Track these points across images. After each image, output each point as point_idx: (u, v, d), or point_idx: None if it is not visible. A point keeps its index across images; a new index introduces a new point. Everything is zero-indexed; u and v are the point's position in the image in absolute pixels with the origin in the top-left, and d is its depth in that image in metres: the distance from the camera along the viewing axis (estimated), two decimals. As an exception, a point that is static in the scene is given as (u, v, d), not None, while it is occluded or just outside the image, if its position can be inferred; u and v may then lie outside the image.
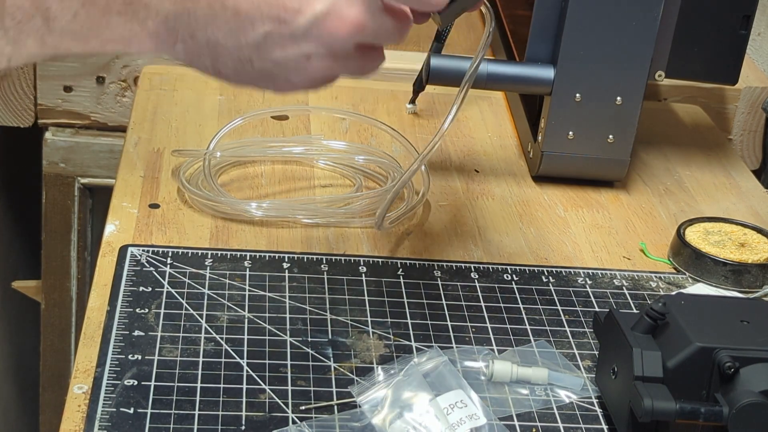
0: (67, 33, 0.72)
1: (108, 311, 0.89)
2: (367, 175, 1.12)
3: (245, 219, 1.03)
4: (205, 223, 1.03)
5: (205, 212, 1.04)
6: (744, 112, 1.38)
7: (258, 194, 1.08)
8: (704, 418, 0.75)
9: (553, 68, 1.11)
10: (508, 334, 0.92)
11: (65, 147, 1.43)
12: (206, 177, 1.06)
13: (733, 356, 0.76)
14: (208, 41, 0.73)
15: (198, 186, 1.06)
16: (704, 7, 1.13)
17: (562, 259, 1.04)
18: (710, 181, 1.22)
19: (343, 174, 1.13)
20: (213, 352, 0.86)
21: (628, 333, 0.80)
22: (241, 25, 0.73)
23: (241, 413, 0.80)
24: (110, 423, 0.78)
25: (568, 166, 1.15)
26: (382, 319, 0.92)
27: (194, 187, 1.05)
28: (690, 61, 1.15)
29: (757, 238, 1.06)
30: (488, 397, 0.84)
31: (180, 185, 1.06)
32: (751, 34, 1.16)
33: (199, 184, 1.06)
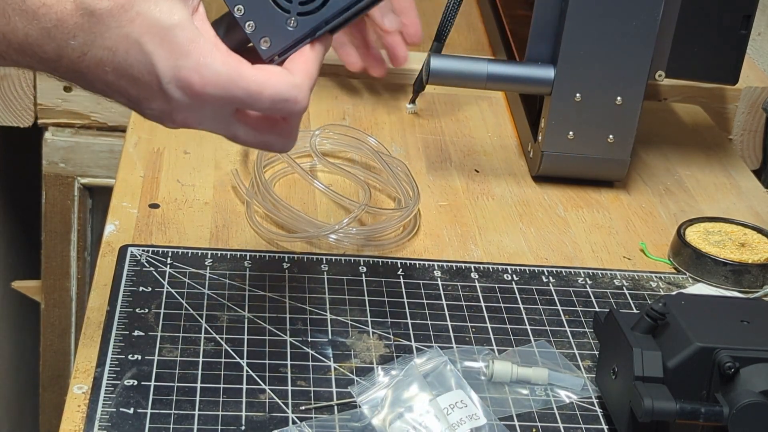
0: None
1: (108, 311, 0.89)
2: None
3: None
4: (205, 223, 1.03)
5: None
6: (744, 112, 1.38)
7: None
8: (704, 418, 0.75)
9: (553, 68, 1.11)
10: (508, 334, 0.92)
11: (65, 147, 1.43)
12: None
13: (733, 356, 0.76)
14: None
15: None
16: (704, 7, 1.13)
17: (562, 259, 1.04)
18: (710, 181, 1.22)
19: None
20: (213, 352, 0.86)
21: (629, 333, 0.80)
22: (103, 94, 0.77)
23: (241, 413, 0.80)
24: (110, 423, 0.78)
25: (568, 166, 1.15)
26: (382, 319, 0.92)
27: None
28: (690, 61, 1.15)
29: (757, 238, 1.06)
30: (488, 397, 0.84)
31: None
32: (751, 34, 1.16)
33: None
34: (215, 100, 0.74)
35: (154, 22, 0.72)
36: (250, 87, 0.74)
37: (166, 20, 0.72)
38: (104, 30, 0.72)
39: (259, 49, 0.76)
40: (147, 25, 0.72)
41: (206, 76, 0.73)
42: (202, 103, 0.74)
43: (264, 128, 0.78)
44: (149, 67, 0.73)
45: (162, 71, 0.73)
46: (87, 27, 0.72)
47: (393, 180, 1.10)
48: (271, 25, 0.76)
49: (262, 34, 0.76)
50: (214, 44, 0.74)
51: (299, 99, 0.75)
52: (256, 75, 0.74)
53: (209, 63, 0.73)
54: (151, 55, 0.73)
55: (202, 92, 0.73)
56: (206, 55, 0.73)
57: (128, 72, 0.74)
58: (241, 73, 0.73)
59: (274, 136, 0.78)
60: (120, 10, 0.72)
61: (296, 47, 0.76)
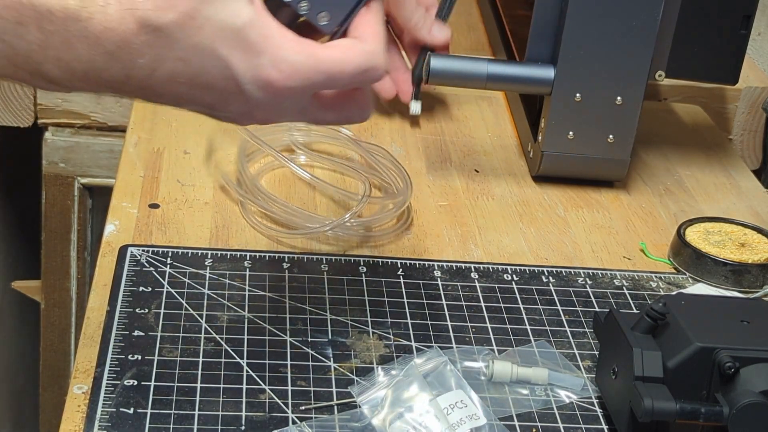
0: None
1: (108, 311, 0.89)
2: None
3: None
4: (204, 223, 1.03)
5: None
6: (744, 112, 1.38)
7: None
8: (704, 419, 0.75)
9: (553, 68, 1.11)
10: (508, 334, 0.92)
11: (65, 147, 1.43)
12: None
13: (733, 356, 0.76)
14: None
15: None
16: (704, 7, 1.13)
17: (562, 259, 1.04)
18: (710, 181, 1.22)
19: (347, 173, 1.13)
20: (213, 352, 0.86)
21: (629, 333, 0.80)
22: (172, 105, 0.74)
23: (241, 413, 0.80)
24: (110, 423, 0.78)
25: (568, 166, 1.15)
26: (382, 319, 0.92)
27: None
28: (690, 61, 1.15)
29: (757, 238, 1.06)
30: (488, 397, 0.84)
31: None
32: (751, 34, 1.16)
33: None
34: (297, 91, 0.72)
35: (224, 26, 0.69)
36: (329, 69, 0.72)
37: (235, 21, 0.70)
38: (173, 43, 0.69)
39: (319, 26, 0.74)
40: (217, 29, 0.69)
41: (285, 70, 0.71)
42: (283, 96, 0.72)
43: (342, 103, 0.76)
44: (226, 71, 0.71)
45: (240, 74, 0.71)
46: (154, 43, 0.69)
47: (379, 168, 1.10)
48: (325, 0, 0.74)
49: (319, 10, 0.74)
50: (283, 35, 0.71)
51: (378, 65, 0.74)
52: (332, 55, 0.72)
53: (285, 56, 0.71)
54: (226, 60, 0.70)
55: (284, 86, 0.72)
56: (281, 48, 0.71)
57: (203, 80, 0.71)
58: (317, 57, 0.72)
59: (353, 109, 0.77)
60: (187, 20, 0.69)
61: (354, 13, 0.74)
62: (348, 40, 0.74)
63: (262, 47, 0.70)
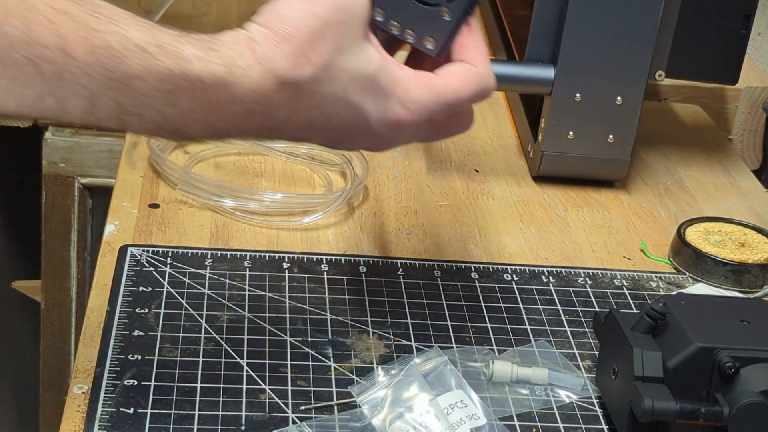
0: None
1: (108, 311, 0.89)
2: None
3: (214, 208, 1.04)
4: (205, 223, 1.03)
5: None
6: (744, 112, 1.38)
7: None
8: (704, 419, 0.75)
9: (553, 68, 1.11)
10: (508, 334, 0.92)
11: (65, 147, 1.43)
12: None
13: (733, 356, 0.76)
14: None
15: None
16: (704, 7, 1.13)
17: (562, 259, 1.04)
18: (710, 181, 1.22)
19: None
20: (213, 352, 0.86)
21: (629, 333, 0.80)
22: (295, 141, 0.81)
23: (241, 413, 0.80)
24: (110, 423, 0.78)
25: (568, 166, 1.15)
26: (382, 319, 0.92)
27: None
28: (690, 61, 1.15)
29: (757, 238, 1.06)
30: (488, 397, 0.84)
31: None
32: (751, 34, 1.16)
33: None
34: (420, 123, 0.77)
35: (356, 74, 0.73)
36: (449, 99, 0.76)
37: (367, 70, 0.74)
38: (309, 95, 0.72)
39: (427, 51, 0.78)
40: (350, 78, 0.73)
41: (411, 108, 0.75)
42: (406, 129, 0.77)
43: (452, 121, 0.80)
44: (357, 115, 0.75)
45: (371, 116, 0.75)
46: (292, 97, 0.72)
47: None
48: (428, 25, 0.77)
49: (423, 37, 0.78)
50: (407, 74, 0.76)
51: (491, 86, 0.78)
52: (451, 85, 0.76)
53: (411, 95, 0.75)
54: (358, 105, 0.74)
55: (410, 122, 0.76)
56: (407, 88, 0.75)
57: (333, 123, 0.75)
58: (437, 90, 0.76)
59: (460, 124, 0.81)
60: (323, 72, 0.72)
61: (455, 33, 0.78)
62: (460, 66, 0.77)
63: (390, 90, 0.75)
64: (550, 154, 1.14)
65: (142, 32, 0.68)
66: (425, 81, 0.76)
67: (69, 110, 0.67)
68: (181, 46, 0.69)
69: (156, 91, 0.68)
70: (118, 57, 0.67)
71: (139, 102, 0.68)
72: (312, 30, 0.71)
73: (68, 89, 0.66)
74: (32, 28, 0.64)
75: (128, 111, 0.69)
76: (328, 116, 0.74)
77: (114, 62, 0.67)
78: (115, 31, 0.67)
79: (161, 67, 0.68)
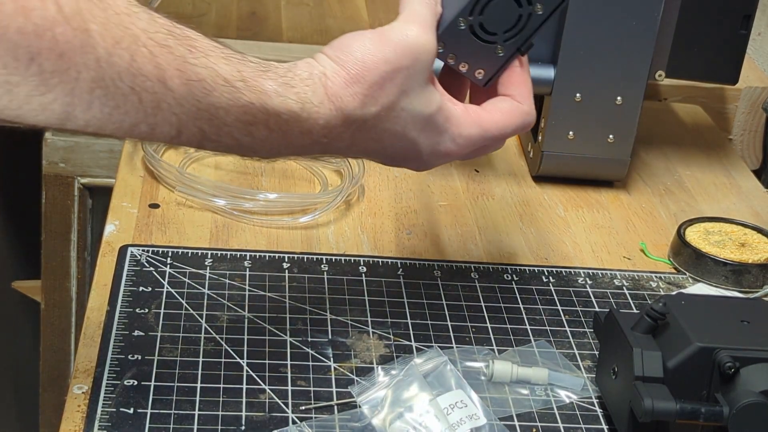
0: None
1: (108, 311, 0.89)
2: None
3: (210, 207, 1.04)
4: (205, 223, 1.03)
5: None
6: (744, 112, 1.38)
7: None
8: (704, 419, 0.75)
9: (553, 68, 1.11)
10: (508, 334, 0.92)
11: (65, 147, 1.43)
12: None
13: (733, 356, 0.76)
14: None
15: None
16: (704, 7, 1.13)
17: (562, 259, 1.04)
18: (710, 181, 1.22)
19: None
20: (213, 352, 0.86)
21: (629, 333, 0.80)
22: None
23: (241, 413, 0.80)
24: (110, 423, 0.78)
25: (568, 166, 1.15)
26: (382, 319, 0.92)
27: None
28: (690, 61, 1.15)
29: (757, 238, 1.06)
30: (488, 397, 0.84)
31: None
32: (751, 34, 1.16)
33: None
34: (466, 154, 0.83)
35: (416, 114, 0.79)
36: (494, 135, 0.83)
37: (426, 110, 0.79)
38: (371, 129, 0.78)
39: (476, 81, 0.84)
40: (410, 118, 0.79)
41: (461, 144, 0.82)
42: (454, 159, 0.84)
43: (492, 147, 0.86)
44: (412, 148, 0.81)
45: (424, 150, 0.81)
46: (356, 132, 0.78)
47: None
48: (482, 58, 0.83)
49: (476, 68, 0.84)
50: (459, 113, 0.81)
51: (531, 122, 0.85)
52: (496, 123, 0.83)
53: (461, 132, 0.81)
54: (414, 141, 0.80)
55: (456, 155, 0.83)
56: (458, 126, 0.81)
57: (388, 152, 0.81)
58: (484, 127, 0.82)
59: (496, 145, 0.86)
60: (387, 112, 0.78)
61: (505, 67, 0.84)
62: (507, 102, 0.84)
63: (444, 128, 0.81)
64: (550, 154, 1.14)
65: (228, 65, 0.72)
66: (474, 117, 0.82)
67: (157, 136, 0.71)
68: (262, 80, 0.73)
69: (237, 121, 0.73)
70: (208, 89, 0.71)
71: (220, 130, 0.73)
72: (381, 73, 0.76)
73: (162, 118, 0.70)
74: (137, 59, 0.67)
75: (209, 138, 0.73)
76: (384, 147, 0.80)
77: (204, 94, 0.71)
78: (206, 65, 0.71)
79: (245, 100, 0.72)
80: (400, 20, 0.79)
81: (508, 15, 0.82)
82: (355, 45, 0.77)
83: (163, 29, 0.69)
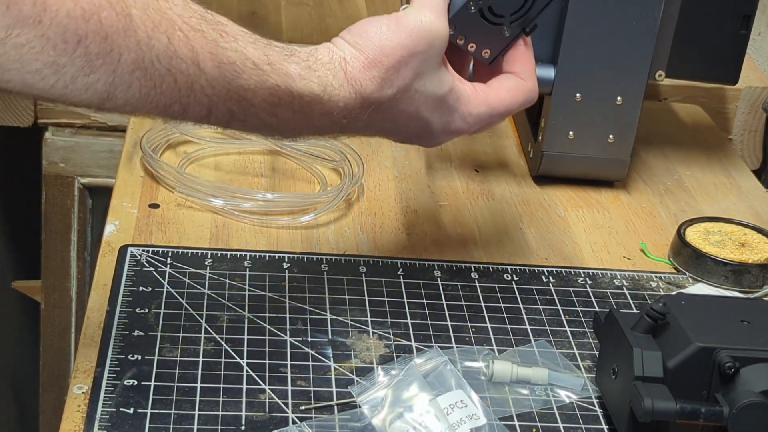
0: None
1: (108, 311, 0.89)
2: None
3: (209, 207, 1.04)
4: (205, 223, 1.03)
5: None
6: (744, 112, 1.38)
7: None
8: (704, 418, 0.75)
9: (553, 68, 1.11)
10: (508, 334, 0.92)
11: (65, 147, 1.43)
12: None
13: (733, 356, 0.76)
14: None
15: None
16: (704, 7, 1.13)
17: (562, 259, 1.04)
18: (710, 181, 1.22)
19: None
20: (213, 352, 0.86)
21: (629, 333, 0.80)
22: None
23: (241, 413, 0.80)
24: (110, 423, 0.78)
25: (568, 166, 1.15)
26: (382, 319, 0.92)
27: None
28: (690, 61, 1.15)
29: (757, 238, 1.06)
30: (488, 397, 0.84)
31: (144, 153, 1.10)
32: (751, 34, 1.16)
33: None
34: (476, 131, 0.88)
35: (429, 95, 0.83)
36: (501, 111, 0.87)
37: (438, 91, 0.83)
38: (386, 111, 0.82)
39: (482, 59, 0.88)
40: (424, 99, 0.83)
41: (470, 122, 0.86)
42: (463, 135, 0.88)
43: (495, 121, 0.90)
44: (425, 127, 0.85)
45: (435, 128, 0.85)
46: (372, 113, 0.82)
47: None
48: (489, 39, 0.87)
49: (483, 48, 0.87)
50: (468, 93, 0.85)
51: (535, 98, 0.89)
52: (502, 100, 0.87)
53: (471, 110, 0.86)
54: (427, 120, 0.84)
55: (466, 131, 0.87)
56: (468, 105, 0.85)
57: (401, 131, 0.85)
58: (491, 105, 0.86)
59: (503, 119, 0.90)
60: (403, 94, 0.82)
61: (510, 46, 0.88)
62: (512, 80, 0.88)
63: (455, 107, 0.85)
64: (550, 154, 1.14)
65: (256, 50, 0.76)
66: (483, 96, 0.86)
67: (189, 115, 0.75)
68: (287, 64, 0.77)
69: (263, 102, 0.77)
70: (237, 72, 0.75)
71: (247, 111, 0.77)
72: (398, 58, 0.80)
73: (195, 98, 0.74)
74: (173, 42, 0.72)
75: (237, 118, 0.77)
76: (399, 126, 0.84)
77: (234, 76, 0.75)
78: (236, 48, 0.75)
79: (271, 83, 0.76)
80: (415, 6, 0.83)
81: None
82: (373, 31, 0.81)
83: (197, 14, 0.74)
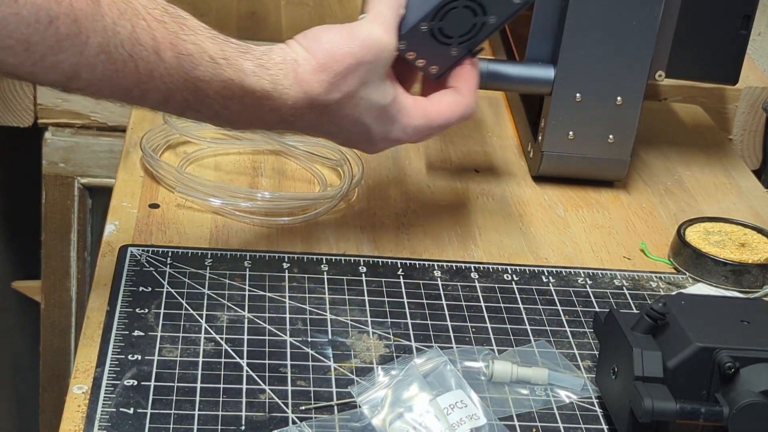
0: None
1: (108, 311, 0.89)
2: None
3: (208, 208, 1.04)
4: (205, 223, 1.03)
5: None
6: (744, 112, 1.38)
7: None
8: (704, 419, 0.75)
9: (553, 68, 1.11)
10: (508, 334, 0.92)
11: (65, 147, 1.43)
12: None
13: (733, 356, 0.76)
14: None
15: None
16: (704, 7, 1.13)
17: (562, 259, 1.04)
18: (710, 181, 1.22)
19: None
20: (213, 352, 0.86)
21: (629, 333, 0.80)
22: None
23: (241, 413, 0.80)
24: (110, 423, 0.78)
25: (568, 166, 1.15)
26: (382, 319, 0.92)
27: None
28: (690, 61, 1.15)
29: (757, 238, 1.06)
30: (488, 397, 0.84)
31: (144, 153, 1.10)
32: (751, 34, 1.15)
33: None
34: (415, 141, 0.95)
35: (373, 103, 0.89)
36: (439, 124, 0.94)
37: (382, 101, 0.90)
38: (331, 114, 0.88)
39: (429, 74, 0.95)
40: (367, 106, 0.89)
41: (409, 132, 0.93)
42: (400, 144, 0.95)
43: (436, 132, 0.96)
44: (366, 132, 0.91)
45: (375, 135, 0.92)
46: (318, 114, 0.88)
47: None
48: (437, 56, 0.94)
49: (431, 65, 0.95)
50: (409, 105, 0.92)
51: (473, 113, 0.95)
52: (442, 113, 0.94)
53: (410, 122, 0.92)
54: (368, 126, 0.90)
55: (406, 142, 0.94)
56: (408, 117, 0.92)
57: (344, 134, 0.91)
58: (431, 118, 0.93)
59: (441, 131, 0.96)
60: (347, 99, 0.88)
61: (457, 64, 0.95)
62: (452, 95, 0.95)
63: (396, 118, 0.91)
64: (550, 154, 1.14)
65: (214, 44, 0.82)
66: (422, 110, 0.92)
67: (147, 101, 0.81)
68: (242, 60, 0.83)
69: (217, 95, 0.83)
70: (195, 63, 0.81)
71: (202, 101, 0.83)
72: (347, 65, 0.86)
73: (153, 85, 0.80)
74: (137, 30, 0.77)
75: (192, 107, 0.83)
76: (341, 129, 0.90)
77: (191, 68, 0.81)
78: (194, 41, 0.81)
79: (225, 76, 0.82)
80: (368, 19, 0.89)
81: (464, 23, 0.93)
82: (326, 37, 0.87)
83: (160, 7, 0.80)
